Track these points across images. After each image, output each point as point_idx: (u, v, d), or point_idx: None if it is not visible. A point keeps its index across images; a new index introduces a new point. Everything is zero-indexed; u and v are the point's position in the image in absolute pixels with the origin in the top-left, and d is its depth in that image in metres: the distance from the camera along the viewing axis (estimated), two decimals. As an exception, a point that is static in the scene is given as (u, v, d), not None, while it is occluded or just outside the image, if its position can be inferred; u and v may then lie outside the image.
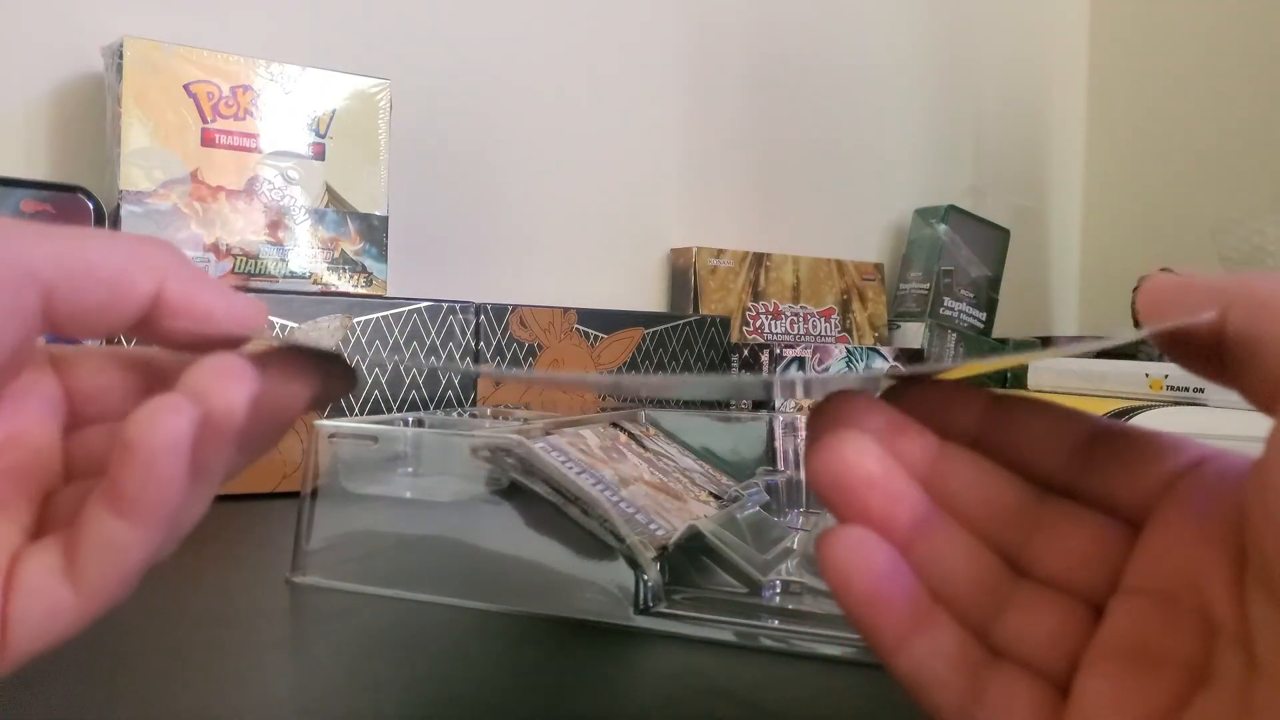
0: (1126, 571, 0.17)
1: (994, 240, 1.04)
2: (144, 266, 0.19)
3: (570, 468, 0.35)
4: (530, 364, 0.66)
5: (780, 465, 0.49)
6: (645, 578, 0.31)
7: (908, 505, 0.18)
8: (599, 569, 0.32)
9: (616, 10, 0.88)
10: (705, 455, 0.48)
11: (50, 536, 0.19)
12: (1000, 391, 0.19)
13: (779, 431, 0.50)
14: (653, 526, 0.34)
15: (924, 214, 1.02)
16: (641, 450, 0.43)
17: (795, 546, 0.39)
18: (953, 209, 1.00)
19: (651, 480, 0.39)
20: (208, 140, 0.58)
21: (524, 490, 0.33)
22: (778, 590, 0.33)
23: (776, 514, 0.45)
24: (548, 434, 0.38)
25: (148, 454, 0.17)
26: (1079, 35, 1.28)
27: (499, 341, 0.65)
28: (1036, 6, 1.24)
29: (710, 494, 0.42)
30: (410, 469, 0.36)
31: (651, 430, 0.47)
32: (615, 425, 0.45)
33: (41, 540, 0.19)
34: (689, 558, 0.34)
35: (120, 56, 0.56)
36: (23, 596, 0.18)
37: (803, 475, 0.49)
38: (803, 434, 0.50)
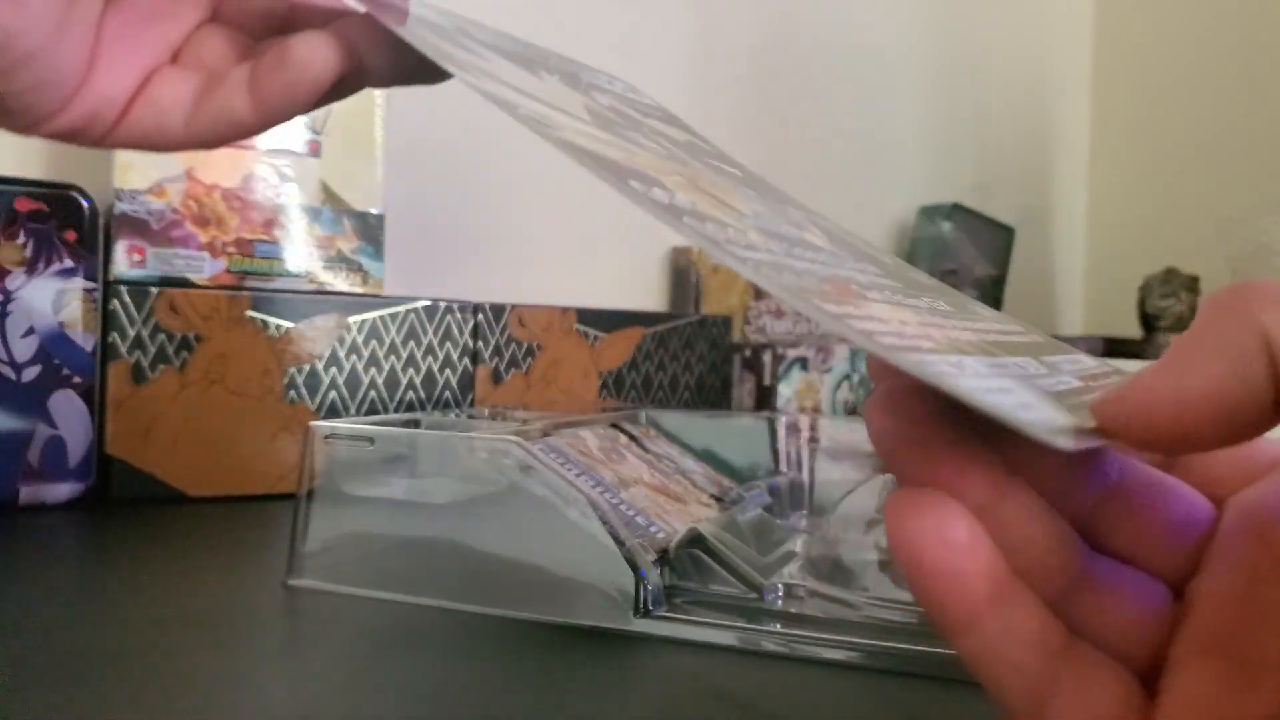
0: (1208, 554, 0.16)
1: (999, 238, 1.03)
2: None
3: (569, 469, 0.34)
4: (530, 364, 0.66)
5: (782, 467, 0.49)
6: (645, 581, 0.31)
7: (981, 464, 0.16)
8: (599, 572, 0.32)
9: (616, 9, 0.87)
10: (706, 457, 0.48)
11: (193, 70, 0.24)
12: None
13: (781, 433, 0.49)
14: (653, 529, 0.34)
15: (928, 212, 1.01)
16: (642, 452, 0.42)
17: (798, 549, 0.38)
18: (957, 207, 0.99)
19: (652, 482, 0.39)
20: (204, 138, 0.57)
21: (523, 492, 0.33)
22: (780, 594, 0.33)
23: (778, 516, 0.44)
24: (546, 435, 0.37)
25: None
26: (1084, 33, 1.27)
27: (497, 341, 0.64)
28: (1041, 4, 1.23)
29: (711, 496, 0.41)
30: (407, 471, 0.35)
31: (652, 431, 0.47)
32: (615, 426, 0.44)
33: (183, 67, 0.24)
34: (690, 561, 0.33)
35: (115, 54, 0.55)
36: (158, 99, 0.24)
37: (805, 478, 0.49)
38: (805, 434, 0.49)
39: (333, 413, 0.58)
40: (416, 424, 0.41)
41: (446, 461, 0.35)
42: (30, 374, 0.50)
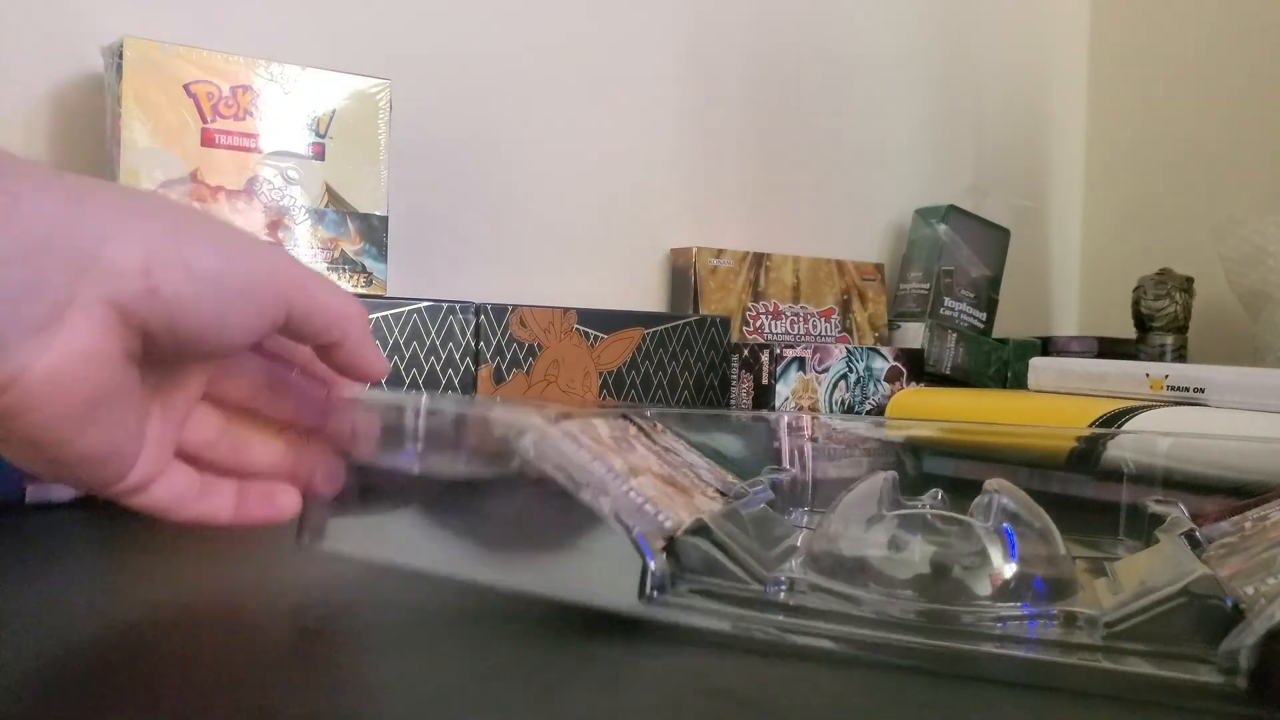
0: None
1: (994, 240, 1.04)
2: (344, 322, 0.31)
3: (582, 454, 0.35)
4: (531, 364, 0.66)
5: (785, 464, 0.49)
6: (652, 567, 0.31)
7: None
8: (606, 556, 0.32)
9: (616, 10, 0.88)
10: (710, 454, 0.48)
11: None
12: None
13: (783, 432, 0.50)
14: (661, 518, 0.34)
15: (924, 214, 1.02)
16: (650, 444, 0.43)
17: (800, 544, 0.39)
18: (953, 209, 1.00)
19: (660, 473, 0.39)
20: (207, 140, 0.58)
21: (534, 473, 0.33)
22: (783, 587, 0.33)
23: (781, 512, 0.44)
24: (561, 419, 0.37)
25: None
26: (1079, 35, 1.28)
27: (499, 341, 0.65)
28: (1037, 6, 1.24)
29: (716, 490, 0.42)
30: (425, 445, 0.35)
31: (659, 426, 0.47)
32: (625, 418, 0.44)
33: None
34: (695, 551, 0.34)
35: (120, 56, 0.56)
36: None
37: (807, 475, 0.49)
38: (806, 433, 0.50)
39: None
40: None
41: (464, 437, 0.35)
42: (37, 374, 0.50)
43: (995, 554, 0.31)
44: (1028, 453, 0.52)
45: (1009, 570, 0.31)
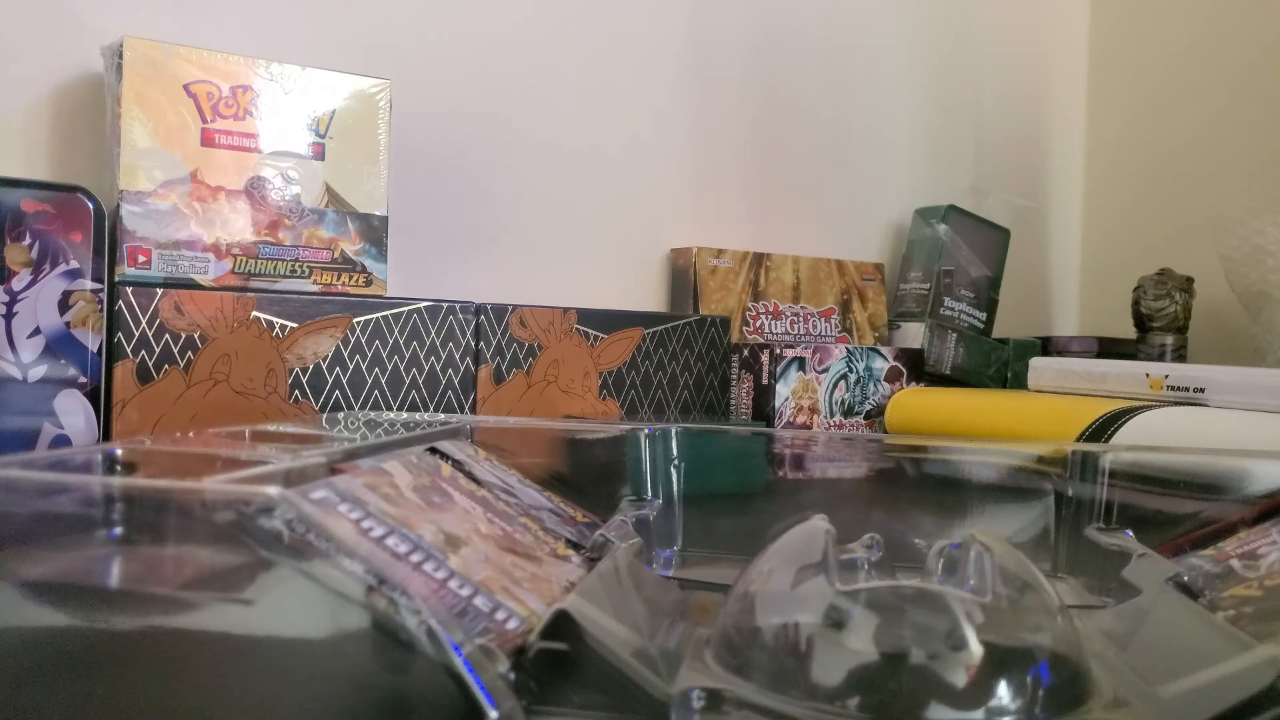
0: None
1: (994, 240, 1.04)
2: None
3: (370, 528, 0.23)
4: (531, 364, 0.66)
5: (649, 493, 0.38)
6: (494, 717, 0.19)
7: None
8: (415, 695, 0.21)
9: (616, 11, 0.88)
10: (551, 483, 0.37)
11: None
12: None
13: (645, 447, 0.38)
14: (500, 615, 0.24)
15: (924, 214, 1.02)
16: (473, 486, 0.32)
17: (692, 616, 0.29)
18: (953, 209, 1.00)
19: (490, 533, 0.28)
20: (207, 140, 0.58)
21: (286, 574, 0.22)
22: (696, 708, 0.22)
23: (649, 560, 0.34)
24: (334, 472, 0.26)
25: None
26: (1079, 34, 1.28)
27: (499, 341, 0.65)
28: (1037, 6, 1.24)
29: (567, 542, 0.32)
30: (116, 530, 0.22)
31: (482, 453, 0.36)
32: (434, 452, 0.33)
33: None
34: (556, 664, 0.22)
35: (120, 56, 0.56)
36: None
37: (678, 509, 0.38)
38: (674, 446, 0.38)
39: (337, 412, 0.58)
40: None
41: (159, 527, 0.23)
42: (36, 374, 0.50)
43: (972, 639, 0.22)
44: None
45: (997, 661, 0.22)
